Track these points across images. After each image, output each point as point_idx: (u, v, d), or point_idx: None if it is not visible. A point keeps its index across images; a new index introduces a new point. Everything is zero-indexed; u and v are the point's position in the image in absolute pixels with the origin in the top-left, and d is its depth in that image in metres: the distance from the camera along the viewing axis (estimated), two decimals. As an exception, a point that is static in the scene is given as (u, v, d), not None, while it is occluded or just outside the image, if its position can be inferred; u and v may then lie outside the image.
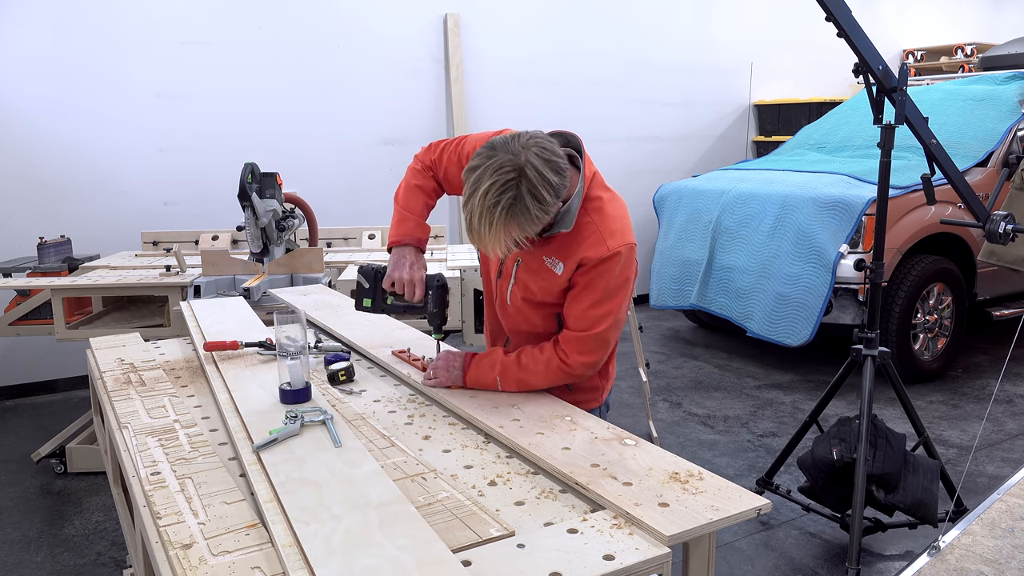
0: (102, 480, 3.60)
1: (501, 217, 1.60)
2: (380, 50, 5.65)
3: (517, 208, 1.61)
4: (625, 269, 1.79)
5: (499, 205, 1.59)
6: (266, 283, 3.39)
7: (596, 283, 1.77)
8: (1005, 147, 5.11)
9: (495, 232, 1.62)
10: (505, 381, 1.85)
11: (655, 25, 6.84)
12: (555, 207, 1.68)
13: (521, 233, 1.65)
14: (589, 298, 1.78)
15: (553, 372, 1.82)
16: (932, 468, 2.83)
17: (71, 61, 4.73)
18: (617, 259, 1.76)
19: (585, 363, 1.82)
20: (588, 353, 1.81)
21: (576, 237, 1.78)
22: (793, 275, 4.64)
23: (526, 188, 1.60)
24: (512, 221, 1.62)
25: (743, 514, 1.27)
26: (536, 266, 1.84)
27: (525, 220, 1.62)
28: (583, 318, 1.80)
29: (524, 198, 1.60)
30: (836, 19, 2.55)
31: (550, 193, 1.63)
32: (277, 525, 1.23)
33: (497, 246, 1.65)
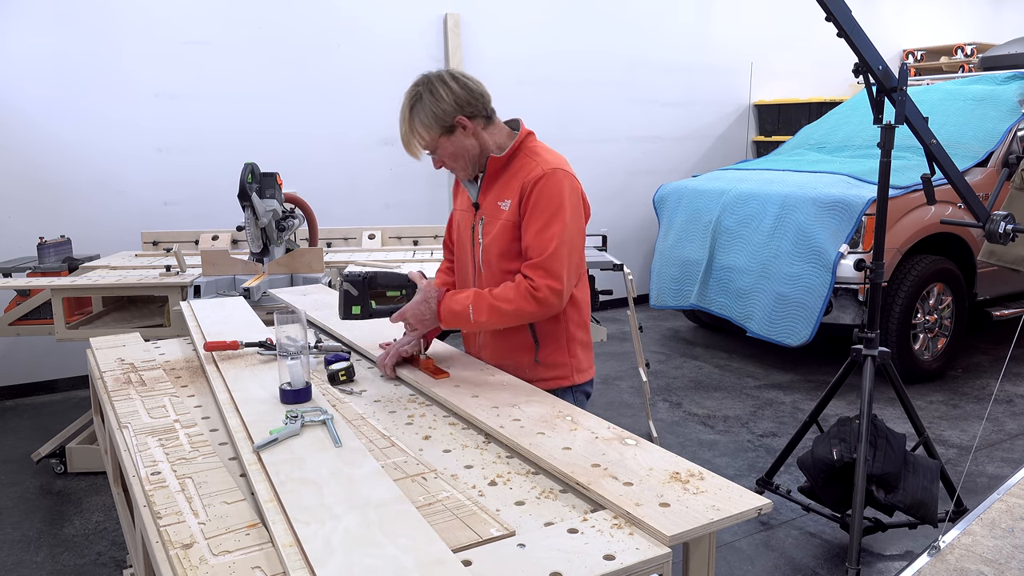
0: (102, 480, 3.60)
1: (407, 109, 1.99)
2: (380, 50, 5.65)
3: (420, 103, 1.97)
4: (559, 190, 1.96)
5: (407, 104, 1.99)
6: (266, 283, 3.39)
7: (537, 206, 1.95)
8: (1005, 147, 5.11)
9: (404, 124, 1.99)
10: (477, 309, 1.96)
11: (655, 25, 6.84)
12: (454, 111, 1.96)
13: (423, 127, 1.97)
14: (535, 223, 1.95)
15: (522, 296, 1.93)
16: (932, 468, 2.83)
17: (71, 61, 4.73)
18: (551, 177, 1.96)
19: (549, 286, 1.93)
20: (549, 277, 1.93)
21: (517, 174, 2.01)
22: (793, 275, 4.65)
23: (427, 88, 1.98)
24: (415, 114, 1.97)
25: (744, 514, 1.27)
26: (492, 212, 2.05)
27: (424, 112, 1.96)
28: (534, 243, 1.95)
29: (423, 95, 1.97)
30: (836, 19, 2.55)
31: (449, 95, 1.96)
32: (277, 525, 1.23)
33: (412, 142, 2.00)
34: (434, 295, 2.01)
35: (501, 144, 2.06)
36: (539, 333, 2.08)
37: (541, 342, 2.08)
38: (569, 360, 2.11)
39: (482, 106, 2.02)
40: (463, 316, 1.97)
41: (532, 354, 2.08)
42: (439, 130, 1.97)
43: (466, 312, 1.96)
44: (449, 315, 1.99)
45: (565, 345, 2.10)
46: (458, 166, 2.06)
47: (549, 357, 2.08)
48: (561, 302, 1.96)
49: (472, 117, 2.00)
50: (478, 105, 2.01)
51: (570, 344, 2.11)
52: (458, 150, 2.02)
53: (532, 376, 2.05)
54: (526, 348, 2.09)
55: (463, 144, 2.01)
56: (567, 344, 2.10)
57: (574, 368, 2.12)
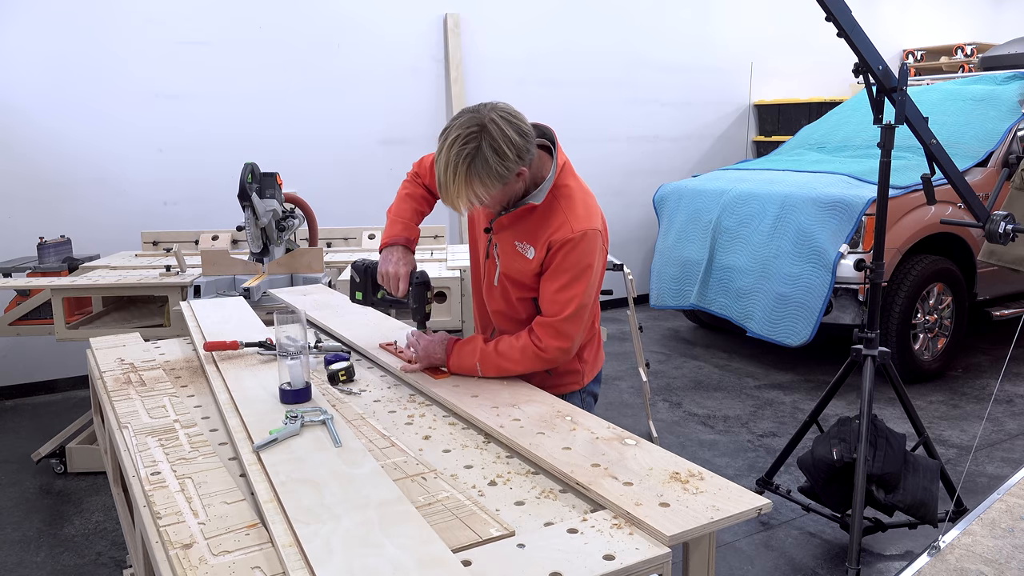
0: (102, 480, 3.60)
1: (463, 167, 1.73)
2: (380, 50, 5.65)
3: (479, 159, 1.72)
4: (589, 253, 1.87)
5: (462, 155, 1.72)
6: (266, 283, 3.39)
7: (563, 266, 1.87)
8: (1005, 147, 5.11)
9: (459, 183, 1.75)
10: (485, 367, 1.94)
11: (655, 25, 6.84)
12: (516, 166, 1.77)
13: (482, 186, 1.75)
14: (557, 282, 1.88)
15: (529, 358, 1.91)
16: (932, 468, 2.83)
17: (71, 61, 4.73)
18: (582, 241, 1.85)
19: (559, 347, 1.90)
20: (559, 338, 1.89)
21: (545, 222, 1.89)
22: (793, 275, 4.64)
23: (488, 142, 1.72)
24: (474, 172, 1.73)
25: (744, 514, 1.27)
26: (510, 251, 1.96)
27: (485, 172, 1.73)
28: (552, 303, 1.89)
29: (485, 151, 1.72)
30: (836, 19, 2.55)
31: (511, 149, 1.74)
32: (277, 525, 1.23)
33: (461, 199, 1.78)
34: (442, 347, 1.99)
35: (537, 179, 1.91)
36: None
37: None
38: (580, 366, 2.12)
39: (533, 146, 1.84)
40: (471, 371, 1.97)
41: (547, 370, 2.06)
42: (499, 186, 1.78)
43: (474, 369, 1.96)
44: (458, 369, 1.98)
45: (576, 354, 2.08)
46: (497, 208, 1.93)
47: (561, 368, 2.06)
48: (567, 358, 1.95)
49: (527, 164, 1.83)
50: (531, 148, 1.83)
51: (581, 350, 2.10)
52: (507, 197, 1.88)
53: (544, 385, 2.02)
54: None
55: (514, 190, 1.87)
56: (578, 353, 2.09)
57: (586, 371, 2.14)
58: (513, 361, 1.92)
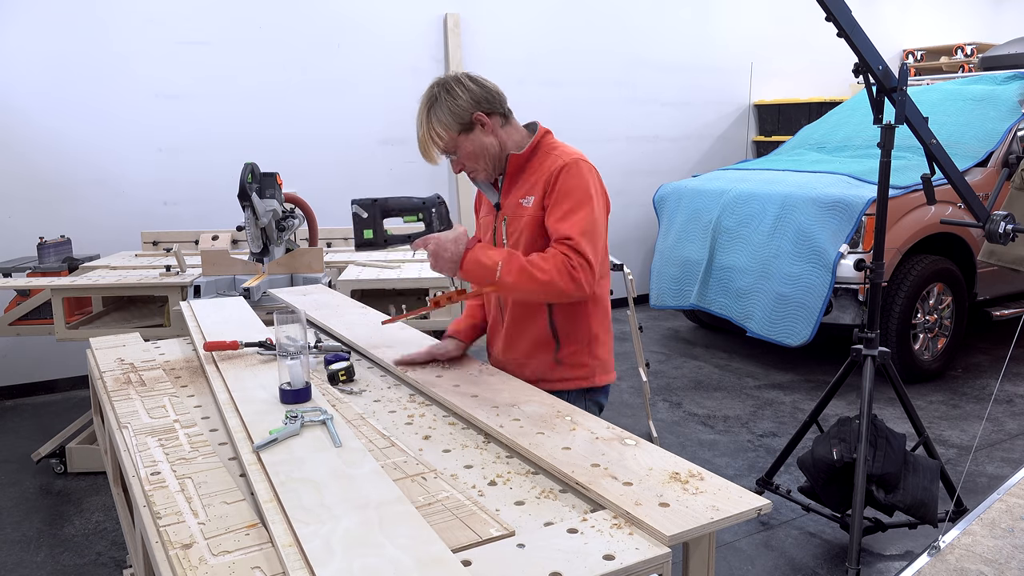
0: (102, 480, 3.60)
1: (424, 114, 1.98)
2: (380, 50, 5.65)
3: (437, 103, 1.96)
4: (584, 179, 1.94)
5: (424, 106, 1.99)
6: (266, 283, 3.39)
7: (562, 193, 1.93)
8: (1005, 147, 5.11)
9: (422, 127, 1.98)
10: (507, 268, 1.84)
11: (655, 25, 6.84)
12: (471, 107, 1.96)
13: (440, 125, 1.95)
14: (561, 209, 1.92)
15: (560, 269, 1.83)
16: (932, 468, 2.83)
17: (71, 61, 4.73)
18: (574, 166, 1.94)
19: (581, 262, 1.85)
20: (579, 254, 1.85)
21: (538, 169, 2.00)
22: (793, 275, 4.64)
23: (443, 88, 1.98)
24: (432, 114, 1.96)
25: (743, 514, 1.27)
26: (515, 211, 2.03)
27: (441, 111, 1.95)
28: (560, 228, 1.89)
29: (440, 95, 1.97)
30: (836, 19, 2.55)
31: (464, 92, 1.96)
32: (277, 525, 1.23)
33: (429, 144, 1.99)
34: (464, 239, 1.91)
35: (519, 143, 2.04)
36: (559, 330, 2.02)
37: (562, 340, 2.02)
38: (591, 361, 2.06)
39: (499, 103, 2.02)
40: (489, 269, 1.85)
41: (552, 352, 2.03)
42: (458, 128, 1.96)
43: (494, 267, 1.84)
44: (473, 264, 1.87)
45: (587, 345, 2.04)
46: (479, 166, 2.01)
47: (571, 357, 2.03)
48: (590, 285, 1.88)
49: (490, 114, 1.99)
50: (495, 102, 2.00)
51: (592, 344, 2.05)
52: (477, 148, 1.98)
53: (551, 377, 2.01)
54: (545, 345, 2.03)
55: (482, 142, 1.99)
56: (588, 344, 2.04)
57: (596, 369, 2.07)
58: (541, 269, 1.83)
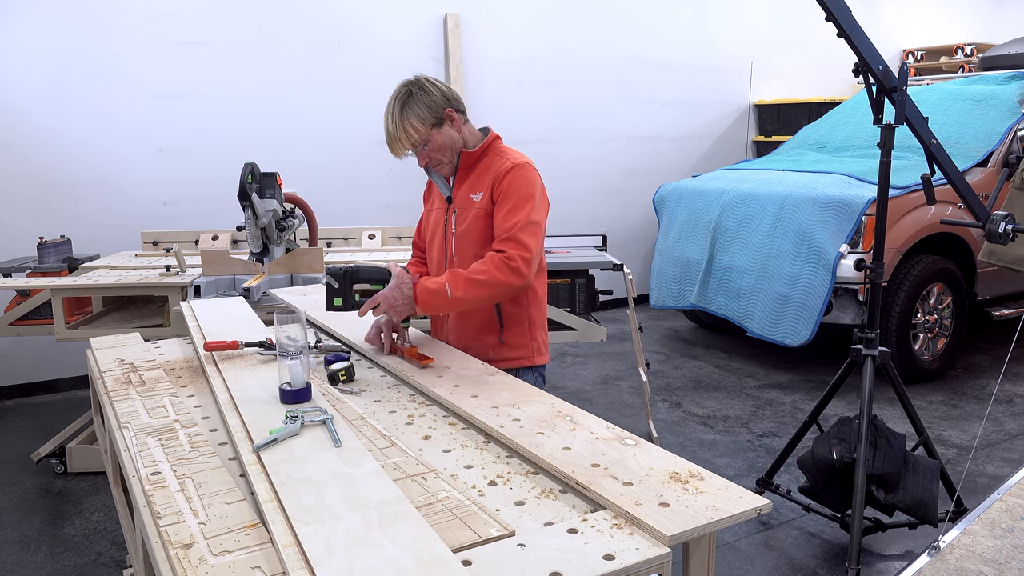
0: (102, 480, 3.60)
1: (398, 107, 2.11)
2: (380, 50, 5.65)
3: (411, 99, 2.11)
4: (529, 182, 2.14)
5: (397, 98, 2.12)
6: (266, 283, 3.39)
7: (508, 192, 2.12)
8: (1005, 147, 5.11)
9: (395, 121, 2.11)
10: (454, 285, 2.05)
11: (655, 25, 6.84)
12: (444, 103, 2.13)
13: (416, 118, 2.10)
14: (504, 207, 2.12)
15: (496, 265, 2.05)
16: (932, 468, 2.83)
17: (71, 61, 4.73)
18: (520, 168, 2.15)
19: (521, 256, 2.06)
20: (520, 247, 2.07)
21: (488, 168, 2.19)
22: (793, 275, 4.65)
23: (417, 87, 2.13)
24: (407, 108, 2.10)
25: (744, 514, 1.27)
26: (464, 204, 2.21)
27: (416, 105, 2.10)
28: (504, 221, 2.11)
29: (414, 93, 2.12)
30: (836, 19, 2.55)
31: (436, 90, 2.13)
32: (277, 525, 1.23)
33: (402, 136, 2.11)
34: (407, 280, 2.09)
35: (474, 143, 2.24)
36: (504, 315, 2.24)
37: (506, 324, 2.24)
38: (530, 342, 2.29)
39: (462, 104, 2.21)
40: (440, 294, 2.05)
41: (497, 335, 2.25)
42: (432, 121, 2.13)
43: (443, 289, 2.04)
44: (426, 295, 2.07)
45: (527, 328, 2.28)
46: (444, 158, 2.20)
47: (513, 338, 2.26)
48: (531, 272, 2.09)
49: (458, 111, 2.18)
50: (460, 103, 2.20)
51: (531, 327, 2.29)
52: (446, 142, 2.17)
53: (496, 356, 2.21)
54: (491, 329, 2.24)
55: (451, 136, 2.17)
56: (529, 327, 2.28)
57: (535, 350, 2.30)
58: (481, 272, 2.05)
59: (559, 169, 6.40)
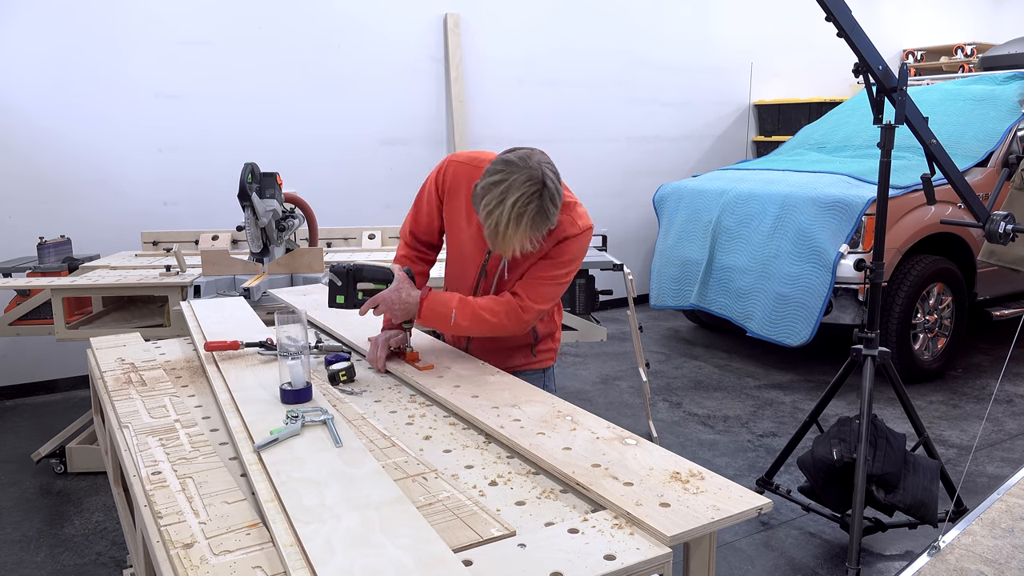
0: (102, 480, 3.60)
1: (527, 222, 1.88)
2: (380, 50, 5.65)
3: (540, 215, 1.89)
4: (582, 247, 2.11)
5: (526, 213, 1.87)
6: (266, 283, 3.40)
7: (564, 251, 2.07)
8: (1005, 147, 5.11)
9: (521, 236, 1.89)
10: (461, 314, 2.04)
11: (655, 25, 6.84)
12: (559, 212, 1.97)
13: (539, 233, 1.93)
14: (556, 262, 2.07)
15: (509, 312, 2.05)
16: (932, 468, 2.83)
17: (71, 61, 4.73)
18: (582, 238, 2.09)
19: (538, 309, 2.08)
20: (540, 300, 2.07)
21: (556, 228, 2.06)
22: (793, 275, 4.65)
23: (548, 198, 1.90)
24: (535, 225, 1.90)
25: (744, 514, 1.27)
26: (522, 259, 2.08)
27: (543, 223, 1.91)
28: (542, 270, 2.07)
29: (546, 206, 1.90)
30: (836, 19, 2.55)
31: (559, 197, 1.95)
32: (278, 525, 1.23)
33: (518, 247, 1.93)
34: (407, 286, 2.08)
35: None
36: (539, 334, 2.29)
37: (540, 338, 2.30)
38: (553, 345, 2.37)
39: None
40: (444, 317, 2.05)
41: (529, 348, 2.29)
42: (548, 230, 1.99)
43: (448, 314, 2.04)
44: (430, 313, 2.06)
45: (550, 336, 2.35)
46: None
47: (542, 346, 2.33)
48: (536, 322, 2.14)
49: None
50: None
51: (554, 333, 2.36)
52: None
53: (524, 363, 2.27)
54: (523, 348, 2.29)
55: None
56: (552, 336, 2.36)
57: (554, 352, 2.38)
58: (491, 312, 2.05)
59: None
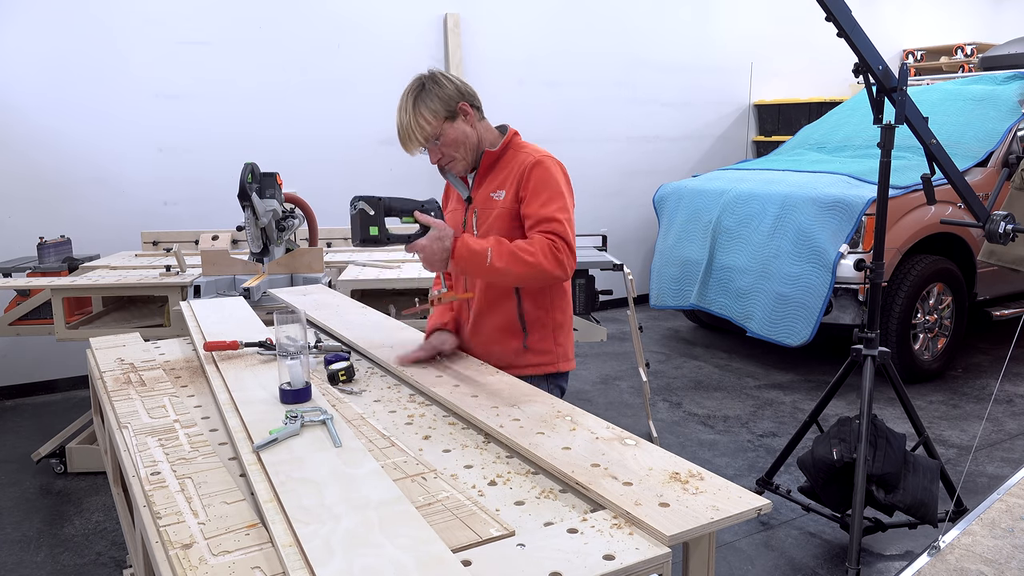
0: (102, 480, 3.60)
1: (411, 99, 2.04)
2: (380, 50, 5.65)
3: (424, 91, 2.04)
4: (557, 173, 2.08)
5: (410, 92, 2.05)
6: (266, 283, 3.39)
7: (538, 187, 2.04)
8: (1005, 147, 5.11)
9: (408, 115, 2.03)
10: (497, 254, 1.94)
11: (655, 25, 6.84)
12: (457, 97, 2.06)
13: (429, 111, 2.02)
14: (538, 199, 2.03)
15: (546, 251, 1.96)
16: (932, 468, 2.83)
17: (71, 61, 4.73)
18: (545, 163, 2.07)
19: (567, 244, 1.99)
20: (561, 240, 1.99)
21: (510, 164, 2.11)
22: (793, 275, 4.64)
23: (431, 80, 2.06)
24: (420, 101, 2.03)
25: (743, 514, 1.27)
26: (485, 204, 2.12)
27: (429, 98, 2.03)
28: (541, 214, 2.01)
29: (428, 86, 2.05)
30: (836, 19, 2.55)
31: (450, 83, 2.06)
32: (277, 525, 1.23)
33: (415, 130, 2.03)
34: (449, 233, 1.96)
35: (492, 141, 2.15)
36: (527, 319, 2.15)
37: (529, 329, 2.15)
38: (555, 347, 2.20)
39: (477, 100, 2.13)
40: (480, 256, 1.92)
41: (521, 340, 2.16)
42: (444, 114, 2.04)
43: (484, 253, 1.92)
44: (466, 252, 1.93)
45: (551, 332, 2.19)
46: (458, 155, 2.10)
47: (537, 343, 2.17)
48: (572, 267, 2.01)
49: (472, 106, 2.10)
50: (475, 98, 2.12)
51: (556, 331, 2.19)
52: (459, 136, 2.07)
53: (519, 363, 2.14)
54: (514, 334, 2.15)
55: (464, 131, 2.08)
56: (553, 331, 2.19)
57: (560, 355, 2.21)
58: (529, 252, 1.94)
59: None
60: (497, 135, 2.17)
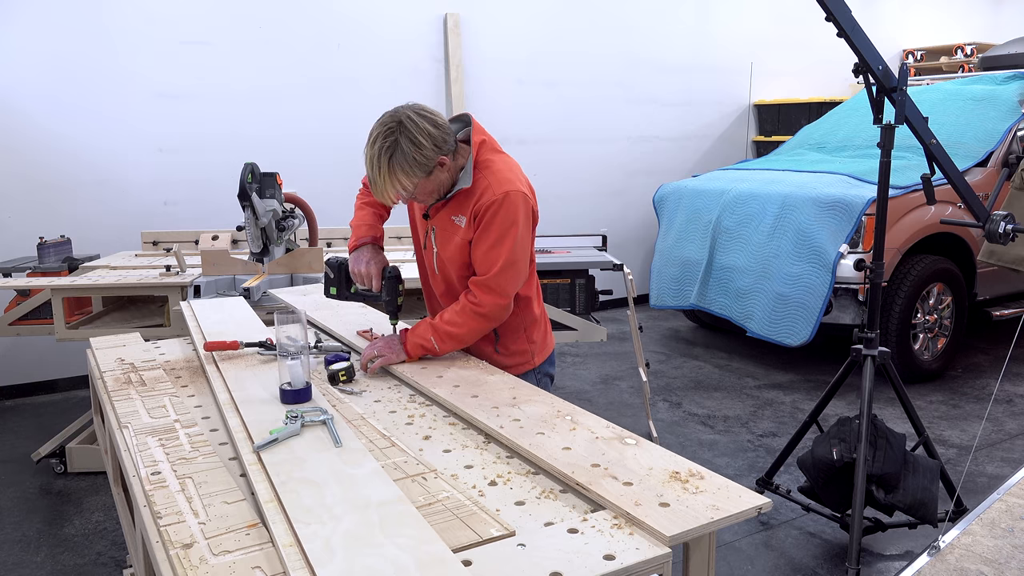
0: (102, 480, 3.60)
1: (385, 160, 1.88)
2: (380, 50, 5.65)
3: (399, 152, 1.87)
4: (513, 212, 1.99)
5: (383, 150, 1.88)
6: (266, 283, 3.39)
7: (489, 227, 1.99)
8: (1005, 147, 5.11)
9: (383, 176, 1.90)
10: (440, 342, 2.08)
11: (655, 25, 6.84)
12: (434, 154, 1.91)
13: (405, 176, 1.90)
14: (485, 243, 2.01)
15: (469, 317, 2.05)
16: (932, 468, 2.83)
17: (71, 61, 4.73)
18: (505, 201, 1.97)
19: (494, 303, 2.04)
20: (493, 294, 2.03)
21: (473, 193, 2.02)
22: (793, 275, 4.65)
23: (405, 136, 1.87)
24: (395, 163, 1.88)
25: (744, 513, 1.27)
26: (446, 226, 2.09)
27: (406, 162, 1.88)
28: (483, 262, 2.03)
29: (402, 144, 1.87)
30: (836, 19, 2.55)
31: (427, 139, 1.89)
32: (277, 525, 1.23)
33: (388, 190, 1.92)
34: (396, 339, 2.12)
35: (463, 165, 2.04)
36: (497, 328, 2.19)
37: (500, 333, 2.19)
38: (529, 346, 2.24)
39: (452, 138, 1.98)
40: (430, 350, 2.10)
41: (492, 345, 2.20)
42: (422, 175, 1.93)
43: (432, 347, 2.09)
44: (417, 350, 2.10)
45: (523, 333, 2.23)
46: (430, 199, 2.06)
47: (510, 346, 2.21)
48: (507, 313, 2.10)
49: (447, 153, 1.96)
50: (449, 139, 1.96)
51: (528, 330, 2.23)
52: (435, 186, 2.00)
53: (496, 364, 2.16)
54: (486, 340, 2.19)
55: (440, 180, 1.99)
56: (525, 331, 2.23)
57: (533, 352, 2.26)
58: (458, 325, 2.06)
59: (559, 169, 6.40)
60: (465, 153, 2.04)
